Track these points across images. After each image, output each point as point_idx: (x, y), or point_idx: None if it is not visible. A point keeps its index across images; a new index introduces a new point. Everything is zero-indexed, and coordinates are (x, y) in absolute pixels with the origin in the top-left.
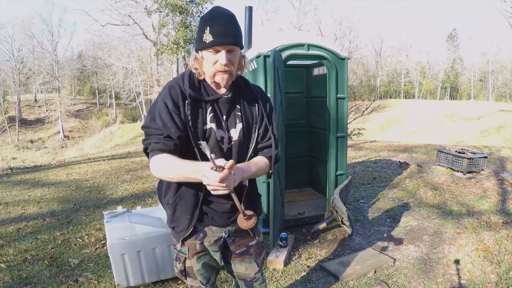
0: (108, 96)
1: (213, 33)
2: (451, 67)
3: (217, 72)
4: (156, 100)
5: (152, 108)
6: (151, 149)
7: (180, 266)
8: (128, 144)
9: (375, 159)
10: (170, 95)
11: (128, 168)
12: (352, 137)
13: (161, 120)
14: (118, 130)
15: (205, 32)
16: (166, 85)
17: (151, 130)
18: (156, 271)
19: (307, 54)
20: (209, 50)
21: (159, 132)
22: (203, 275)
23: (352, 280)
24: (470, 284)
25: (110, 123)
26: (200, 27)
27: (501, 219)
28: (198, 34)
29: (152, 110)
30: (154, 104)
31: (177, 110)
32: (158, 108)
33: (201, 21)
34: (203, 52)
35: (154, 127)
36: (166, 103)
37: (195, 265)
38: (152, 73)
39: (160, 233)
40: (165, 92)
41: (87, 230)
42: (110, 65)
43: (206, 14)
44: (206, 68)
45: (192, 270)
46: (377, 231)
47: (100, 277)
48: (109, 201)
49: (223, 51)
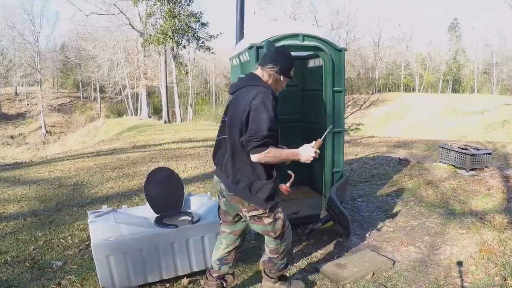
0: (93, 89)
1: (293, 71)
2: (453, 59)
3: (279, 89)
4: (267, 108)
5: (268, 110)
6: (266, 144)
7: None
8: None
9: (374, 155)
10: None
11: (113, 165)
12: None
13: (273, 125)
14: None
15: (292, 69)
16: (267, 96)
17: (272, 133)
18: (143, 273)
19: (302, 45)
20: (287, 78)
21: (274, 134)
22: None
23: (349, 283)
24: (473, 287)
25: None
26: (290, 63)
27: (506, 219)
28: (289, 66)
29: (270, 117)
30: (268, 111)
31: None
32: (271, 117)
33: (290, 59)
34: (284, 77)
35: (274, 131)
36: (275, 112)
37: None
38: (139, 65)
39: (147, 233)
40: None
41: (70, 231)
42: (94, 57)
43: (287, 53)
44: (277, 85)
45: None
46: (375, 232)
47: (84, 280)
48: (94, 199)
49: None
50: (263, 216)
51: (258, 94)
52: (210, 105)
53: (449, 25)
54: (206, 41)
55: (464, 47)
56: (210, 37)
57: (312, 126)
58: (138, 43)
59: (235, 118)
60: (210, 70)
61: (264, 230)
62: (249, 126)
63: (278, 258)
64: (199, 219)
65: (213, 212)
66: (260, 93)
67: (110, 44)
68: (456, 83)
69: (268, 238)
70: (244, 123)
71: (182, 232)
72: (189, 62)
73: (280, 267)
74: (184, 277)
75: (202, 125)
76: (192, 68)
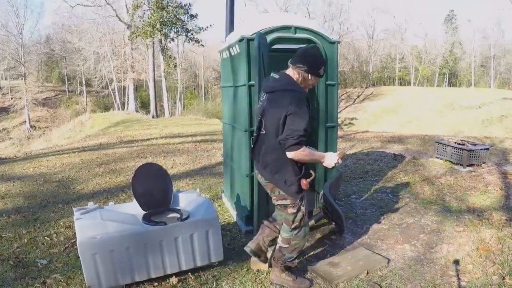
0: (78, 83)
1: (324, 71)
2: (449, 52)
3: (309, 86)
4: (303, 112)
5: (303, 114)
6: (301, 143)
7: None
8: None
9: (368, 151)
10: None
11: (100, 160)
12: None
13: (308, 126)
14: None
15: (322, 68)
16: (303, 101)
17: (307, 133)
18: (130, 272)
19: (294, 38)
20: (316, 77)
21: (307, 133)
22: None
23: (343, 282)
24: (470, 286)
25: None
26: (318, 62)
27: (504, 216)
28: (316, 66)
29: (305, 119)
30: (303, 115)
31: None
32: (306, 119)
33: (318, 58)
34: (313, 76)
35: (308, 131)
36: (308, 114)
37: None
38: (126, 58)
39: (135, 231)
40: (306, 106)
41: (55, 228)
42: (80, 50)
43: (318, 53)
44: (306, 83)
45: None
46: (369, 229)
47: (69, 279)
48: (80, 196)
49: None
50: (289, 206)
51: (294, 98)
52: (199, 99)
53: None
54: (195, 34)
55: (460, 39)
56: (200, 30)
57: None
58: (125, 36)
59: (273, 119)
60: (199, 63)
61: (285, 219)
62: (286, 127)
63: (287, 249)
64: (188, 216)
65: (203, 209)
66: (295, 98)
67: (96, 37)
68: (452, 76)
69: (285, 227)
70: (281, 125)
71: (170, 229)
72: (177, 55)
73: (287, 259)
74: (172, 276)
75: (191, 120)
76: (180, 61)
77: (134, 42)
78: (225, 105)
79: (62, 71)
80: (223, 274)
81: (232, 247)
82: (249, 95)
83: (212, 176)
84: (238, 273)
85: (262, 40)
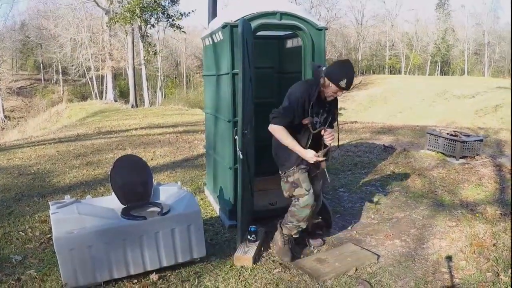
0: (55, 71)
1: (346, 84)
2: (442, 39)
3: (332, 95)
4: (292, 97)
5: (287, 100)
6: (277, 120)
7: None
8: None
9: (356, 142)
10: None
11: (77, 152)
12: None
13: (290, 112)
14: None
15: (343, 80)
16: (300, 90)
17: (284, 111)
18: (108, 269)
19: (279, 24)
20: (336, 87)
21: (285, 114)
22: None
23: (331, 279)
24: (464, 283)
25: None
26: (342, 74)
27: (499, 211)
28: (338, 74)
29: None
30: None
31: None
32: (289, 102)
33: (342, 67)
34: (333, 84)
35: (286, 110)
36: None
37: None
38: (104, 45)
39: (113, 226)
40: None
41: (30, 223)
42: (56, 36)
43: (348, 66)
44: (326, 90)
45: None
46: (358, 224)
47: (45, 276)
48: (56, 189)
49: (340, 92)
50: (282, 177)
51: (295, 88)
52: (180, 88)
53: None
54: (177, 20)
55: (453, 26)
56: (181, 15)
57: None
58: (103, 22)
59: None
60: (181, 50)
61: (282, 189)
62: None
63: (289, 213)
64: (169, 211)
65: (184, 202)
66: (296, 88)
67: (73, 23)
68: (445, 64)
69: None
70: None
71: (150, 224)
72: (158, 42)
73: (286, 222)
74: (153, 272)
75: (172, 110)
76: (161, 48)
77: (113, 29)
78: (208, 95)
79: (38, 59)
80: (206, 270)
81: (215, 242)
82: (232, 84)
83: (194, 168)
84: (221, 269)
85: (246, 26)
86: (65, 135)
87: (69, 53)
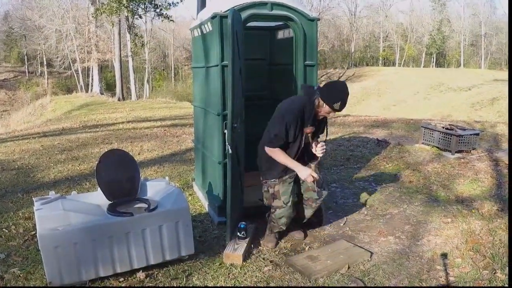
0: (39, 63)
1: (340, 107)
2: (437, 30)
3: (324, 115)
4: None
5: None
6: (274, 143)
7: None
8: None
9: (349, 136)
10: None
11: (62, 147)
12: None
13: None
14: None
15: (336, 103)
16: (293, 109)
17: (276, 137)
18: (94, 267)
19: (270, 15)
20: (329, 108)
21: (278, 138)
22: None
23: (322, 277)
24: (459, 281)
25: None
26: (336, 95)
27: (496, 206)
28: (332, 97)
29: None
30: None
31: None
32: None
33: (337, 90)
34: (326, 105)
35: (278, 136)
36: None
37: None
38: (90, 36)
39: (99, 222)
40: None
41: (14, 219)
42: (41, 28)
43: (342, 89)
44: (320, 109)
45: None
46: (351, 220)
47: (29, 274)
48: (40, 185)
49: (332, 113)
50: (263, 184)
51: (286, 107)
52: (168, 81)
53: None
54: (165, 10)
55: (449, 16)
56: (169, 5)
57: None
58: (89, 13)
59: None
60: (169, 42)
61: (263, 196)
62: (268, 123)
63: (270, 218)
64: (157, 207)
65: (172, 198)
66: (288, 108)
67: (59, 14)
68: (440, 56)
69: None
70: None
71: (137, 221)
72: (145, 33)
73: (269, 221)
74: (140, 270)
75: (159, 103)
76: (148, 40)
77: (99, 20)
78: (197, 87)
79: (22, 51)
80: (194, 268)
81: (203, 239)
82: (222, 76)
83: (183, 163)
84: (210, 267)
85: (236, 17)
86: (49, 129)
87: (54, 45)
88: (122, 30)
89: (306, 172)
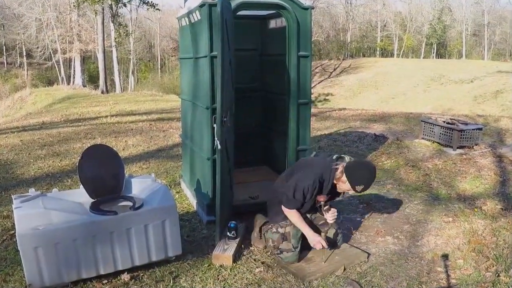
0: (18, 54)
1: (361, 190)
2: (437, 19)
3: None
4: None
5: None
6: (292, 205)
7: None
8: (43, 113)
9: (345, 131)
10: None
11: (42, 142)
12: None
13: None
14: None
15: (359, 186)
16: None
17: (295, 200)
18: (76, 268)
19: (262, 3)
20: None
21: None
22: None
23: (317, 279)
24: (461, 283)
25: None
26: (361, 179)
27: (499, 205)
28: (358, 178)
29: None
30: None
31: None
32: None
33: (364, 173)
34: (349, 184)
35: (296, 199)
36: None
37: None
38: (71, 26)
39: (82, 221)
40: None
41: None
42: (20, 16)
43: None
44: (339, 183)
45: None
46: (347, 220)
47: (8, 276)
48: (19, 182)
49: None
50: (271, 226)
51: (308, 174)
52: (154, 72)
53: None
54: None
55: (450, 5)
56: None
57: (273, 97)
58: (70, 1)
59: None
60: (155, 32)
61: (268, 237)
62: (288, 183)
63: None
64: (142, 205)
65: (158, 196)
66: (309, 174)
67: (39, 1)
68: (441, 47)
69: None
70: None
71: (122, 220)
72: (130, 22)
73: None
74: (124, 272)
75: (145, 96)
76: (133, 29)
77: (81, 8)
78: (184, 79)
79: (0, 41)
80: (182, 270)
81: (191, 239)
82: (211, 68)
83: (169, 159)
84: (199, 269)
85: (226, 5)
86: (29, 123)
87: (34, 34)
88: (106, 19)
89: (315, 239)
